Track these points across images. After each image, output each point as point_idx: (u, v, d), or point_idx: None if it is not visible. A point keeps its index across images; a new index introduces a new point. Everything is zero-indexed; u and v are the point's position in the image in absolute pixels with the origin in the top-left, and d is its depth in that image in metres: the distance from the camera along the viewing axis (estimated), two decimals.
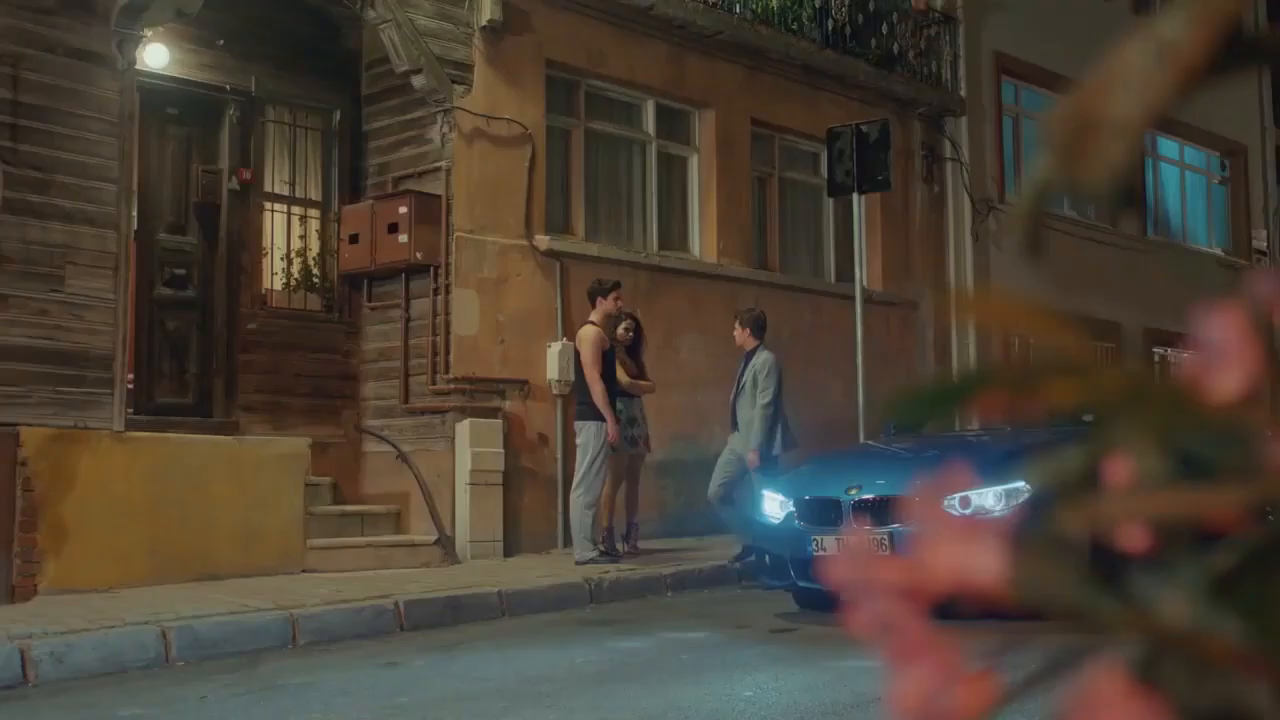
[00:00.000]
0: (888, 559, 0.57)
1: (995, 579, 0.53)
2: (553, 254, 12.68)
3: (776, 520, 9.04)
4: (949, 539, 0.53)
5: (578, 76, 13.47)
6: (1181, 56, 0.57)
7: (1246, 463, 0.58)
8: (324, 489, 11.73)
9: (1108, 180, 0.58)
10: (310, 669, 7.25)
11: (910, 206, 17.03)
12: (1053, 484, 0.56)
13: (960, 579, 0.53)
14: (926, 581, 0.54)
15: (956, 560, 0.53)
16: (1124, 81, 0.59)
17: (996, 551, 0.53)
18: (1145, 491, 0.58)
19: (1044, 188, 0.63)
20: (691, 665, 7.16)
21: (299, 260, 12.55)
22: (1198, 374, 0.57)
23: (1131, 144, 0.57)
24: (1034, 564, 0.53)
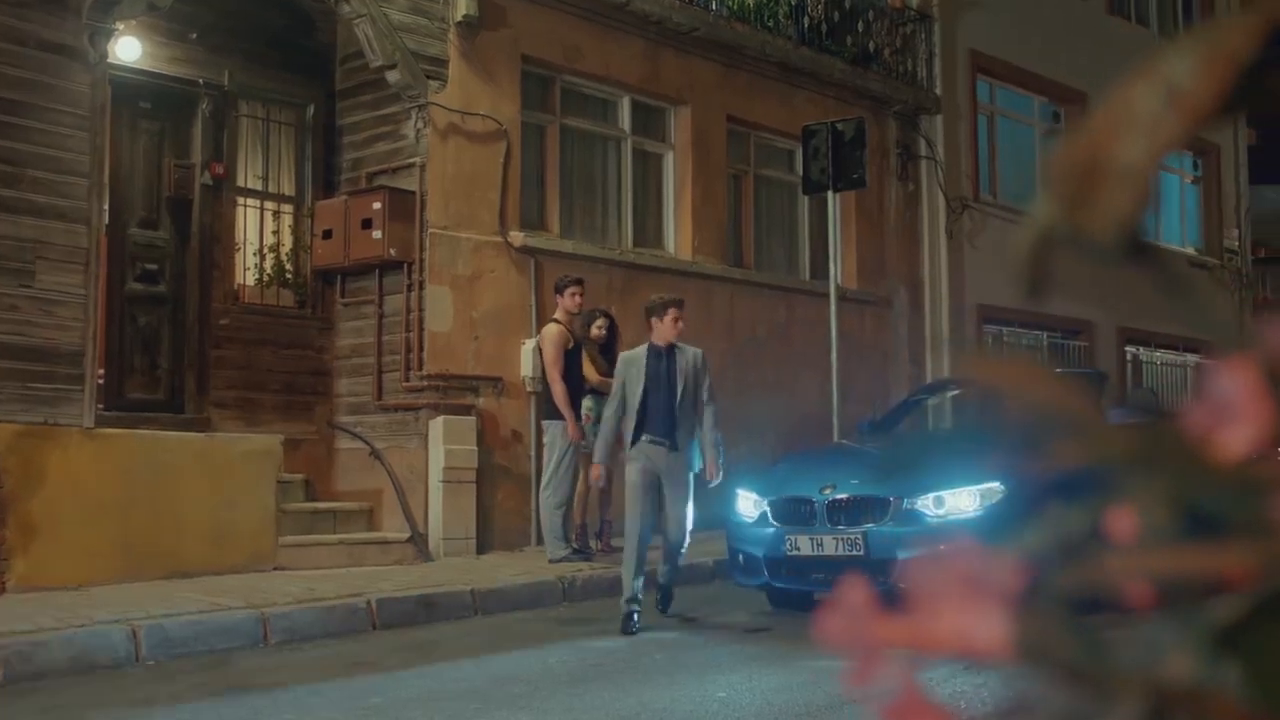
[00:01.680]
0: (887, 619, 0.54)
1: (998, 642, 0.51)
2: (527, 250, 12.64)
3: (751, 519, 9.04)
4: (951, 601, 0.51)
5: (553, 72, 13.42)
6: (1192, 100, 0.55)
7: (1256, 520, 0.56)
8: (296, 486, 11.66)
9: (1114, 230, 0.56)
10: (281, 668, 7.20)
11: (885, 204, 17.04)
12: (1056, 541, 0.54)
13: (963, 642, 0.51)
14: (927, 643, 0.52)
15: (959, 623, 0.51)
16: (1131, 125, 0.56)
17: (1000, 614, 0.51)
18: (1150, 548, 0.56)
19: (1047, 234, 0.61)
20: (665, 665, 7.15)
21: (272, 256, 12.48)
22: (1207, 429, 0.55)
23: (1140, 192, 0.55)
24: (1038, 627, 0.51)
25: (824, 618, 0.57)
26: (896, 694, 0.54)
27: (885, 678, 0.55)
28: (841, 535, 8.42)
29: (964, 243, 18.06)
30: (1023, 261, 0.62)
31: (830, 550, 8.44)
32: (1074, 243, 0.58)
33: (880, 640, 0.54)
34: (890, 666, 0.54)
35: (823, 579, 8.65)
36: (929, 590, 0.52)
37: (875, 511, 8.44)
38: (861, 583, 0.57)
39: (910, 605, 0.53)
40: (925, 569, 0.52)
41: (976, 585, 0.51)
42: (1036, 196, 0.62)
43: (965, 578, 0.51)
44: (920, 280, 17.53)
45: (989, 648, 0.51)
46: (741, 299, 14.89)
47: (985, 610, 0.51)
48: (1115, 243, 0.55)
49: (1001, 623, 0.51)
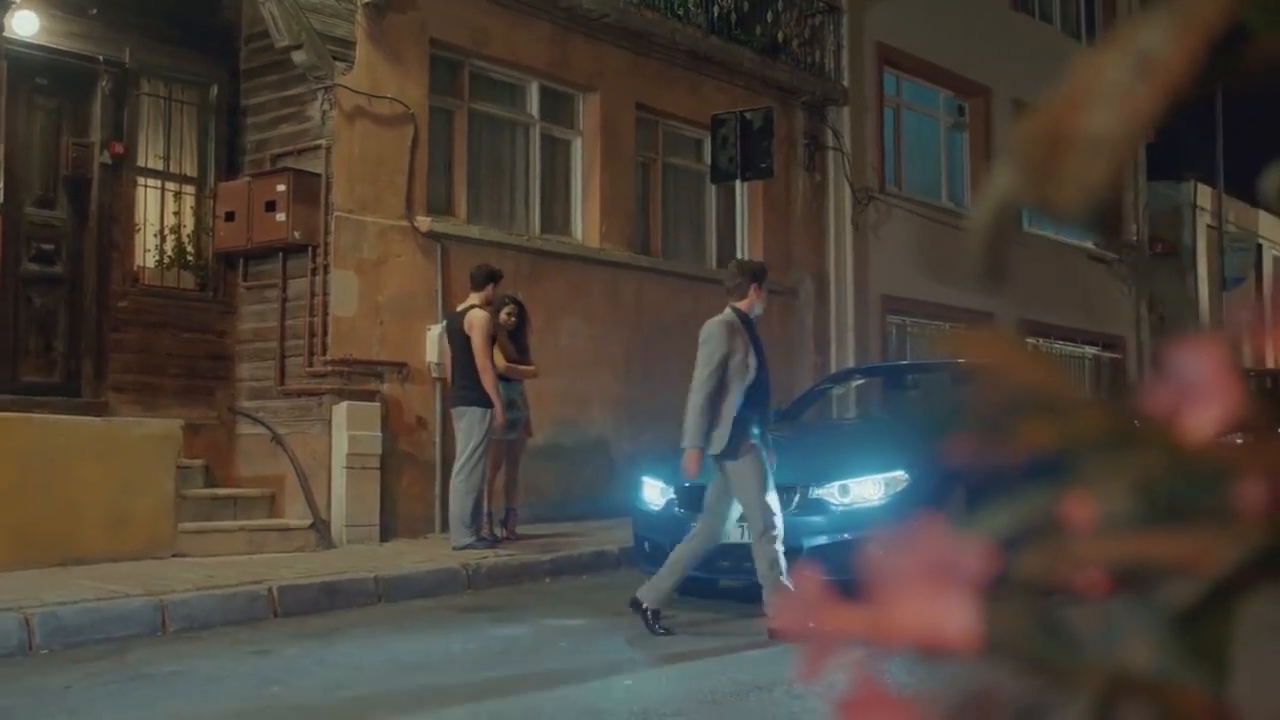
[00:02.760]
0: (846, 609, 0.52)
1: (966, 633, 0.49)
2: (434, 235, 12.53)
3: (657, 507, 9.04)
4: (914, 588, 0.49)
5: (462, 56, 13.31)
6: (1164, 69, 0.53)
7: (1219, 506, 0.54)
8: (196, 472, 11.48)
9: (1083, 202, 0.54)
10: (180, 657, 7.08)
11: (792, 195, 17.12)
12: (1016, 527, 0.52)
13: (927, 632, 0.49)
14: (888, 634, 0.50)
15: (923, 613, 0.49)
16: (1101, 96, 0.54)
17: (967, 603, 0.49)
18: (1110, 534, 0.54)
19: (1007, 206, 0.59)
20: (570, 653, 7.13)
21: (173, 237, 12.25)
22: (1172, 410, 0.53)
23: (1111, 163, 0.53)
24: (1007, 617, 0.49)
25: (776, 606, 0.54)
26: (852, 686, 0.51)
27: (839, 669, 0.52)
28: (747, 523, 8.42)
29: (869, 234, 18.20)
30: (982, 232, 0.59)
31: (735, 538, 8.44)
32: (1039, 214, 0.56)
33: (835, 630, 0.52)
34: (844, 657, 0.52)
35: (728, 567, 8.66)
36: (890, 577, 0.50)
37: (781, 499, 8.46)
38: (814, 570, 0.54)
39: (869, 593, 0.51)
40: (886, 554, 0.50)
41: (942, 572, 0.49)
42: (997, 166, 0.60)
43: (929, 564, 0.49)
44: (826, 270, 17.63)
45: (955, 638, 0.48)
46: (649, 287, 14.88)
47: (951, 598, 0.49)
48: (1082, 215, 0.53)
49: (969, 612, 0.48)
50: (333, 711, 5.72)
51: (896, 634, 0.50)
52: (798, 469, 8.67)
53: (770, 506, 7.62)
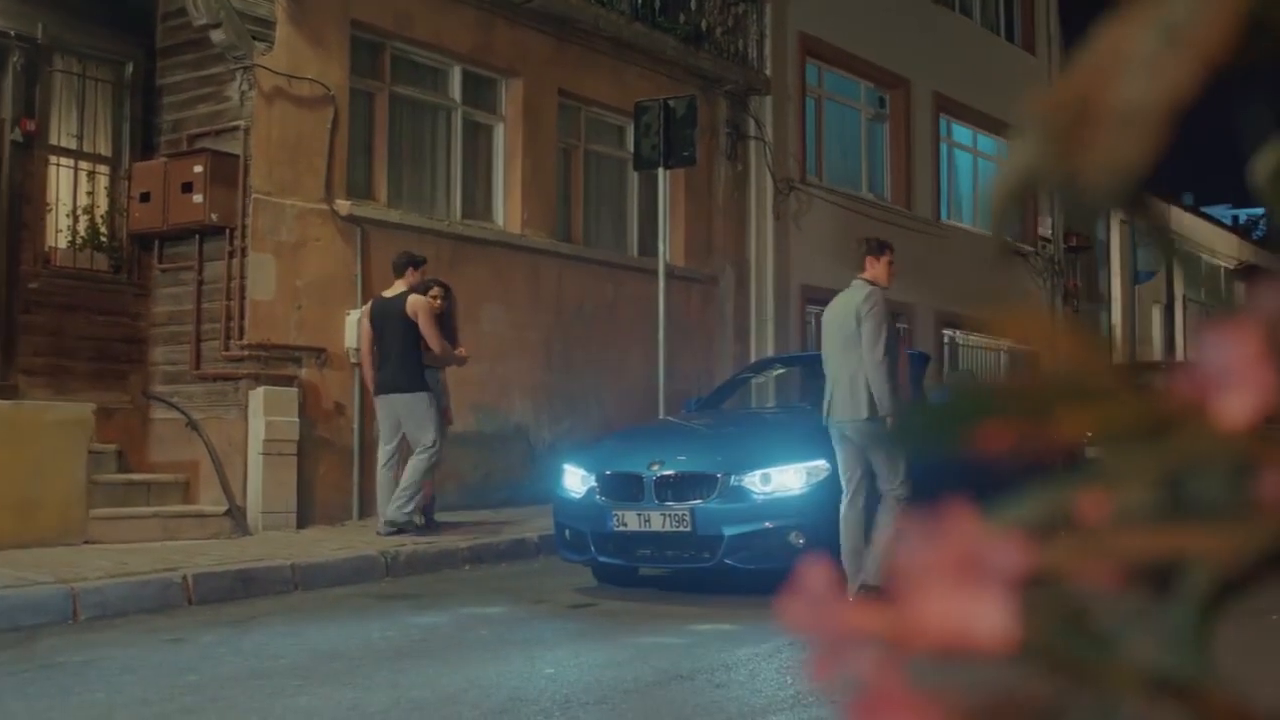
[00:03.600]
0: (866, 607, 0.49)
1: (1000, 632, 0.46)
2: (353, 219, 12.40)
3: (578, 495, 9.01)
4: (944, 586, 0.46)
5: (383, 39, 13.17)
6: (1197, 39, 0.50)
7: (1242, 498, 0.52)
8: (108, 457, 11.27)
9: (1114, 177, 0.51)
10: (92, 645, 6.95)
11: (714, 183, 17.13)
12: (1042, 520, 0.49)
13: (958, 631, 0.46)
14: (913, 634, 0.47)
15: (953, 611, 0.46)
16: (1132, 65, 0.52)
17: (1003, 601, 0.46)
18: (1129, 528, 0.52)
19: (1028, 180, 0.56)
20: (490, 641, 7.07)
21: (86, 218, 12.01)
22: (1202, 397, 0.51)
23: (1146, 137, 0.50)
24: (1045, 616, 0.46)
25: (787, 601, 0.51)
26: (869, 688, 0.48)
27: (855, 670, 0.49)
28: (669, 511, 8.43)
29: (790, 223, 18.26)
30: (999, 204, 0.57)
31: (657, 526, 8.44)
32: (1062, 187, 0.54)
33: (852, 628, 0.49)
34: (861, 657, 0.49)
35: (649, 555, 8.67)
36: (916, 572, 0.47)
37: (702, 488, 8.48)
38: (824, 563, 0.51)
39: (894, 588, 0.48)
40: (913, 547, 0.47)
41: (974, 567, 0.46)
42: (1015, 137, 0.57)
43: (960, 558, 0.46)
44: (746, 259, 17.67)
45: (989, 638, 0.46)
46: (570, 274, 14.83)
47: (985, 596, 0.46)
48: (1113, 191, 0.51)
49: (1004, 610, 0.46)
50: (249, 701, 5.64)
51: (922, 633, 0.47)
52: (719, 457, 8.68)
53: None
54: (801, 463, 8.42)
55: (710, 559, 8.34)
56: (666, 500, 8.49)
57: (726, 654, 6.56)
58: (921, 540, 0.47)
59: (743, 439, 9.28)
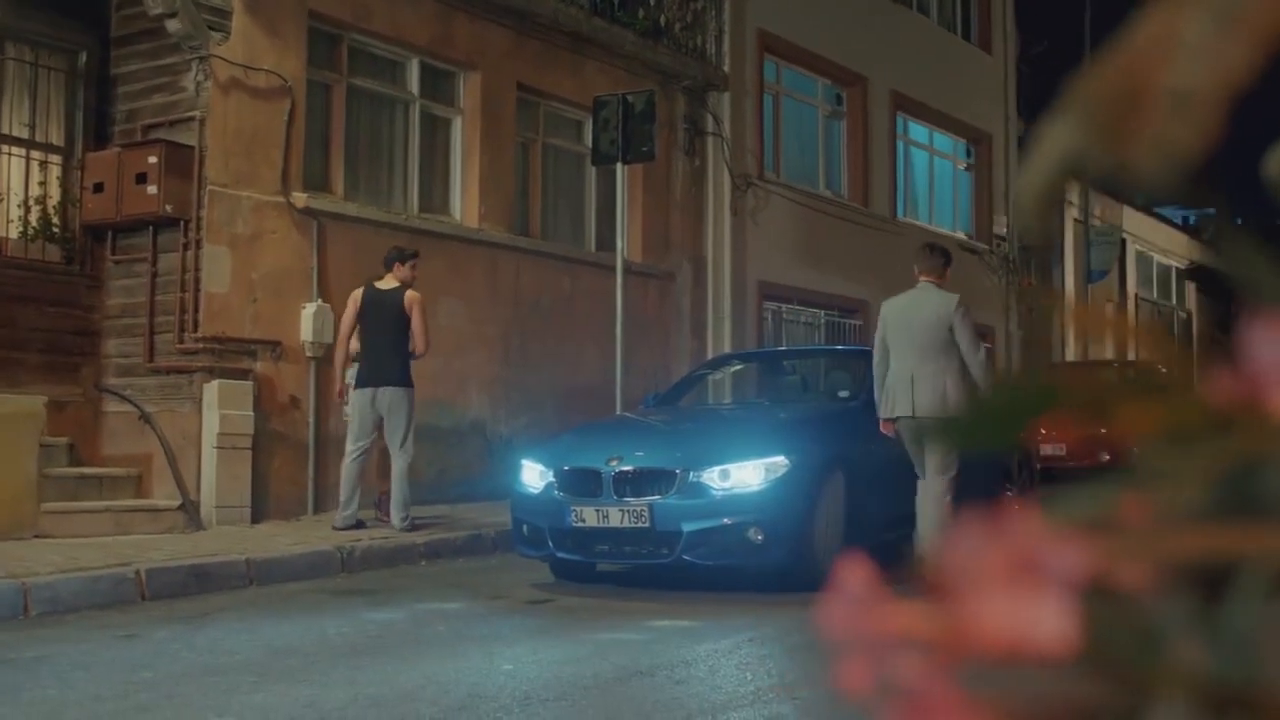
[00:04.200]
0: (912, 609, 0.47)
1: (1061, 636, 0.43)
2: (310, 212, 12.30)
3: (536, 490, 8.96)
4: (1002, 589, 0.43)
5: (341, 30, 13.08)
6: (1252, 21, 0.48)
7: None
8: (60, 450, 11.13)
9: (1167, 163, 0.49)
10: (44, 641, 6.86)
11: (671, 179, 17.12)
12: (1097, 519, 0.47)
13: (1015, 637, 0.43)
14: (966, 638, 0.45)
15: (1012, 615, 0.43)
16: (1184, 49, 0.49)
17: (1061, 604, 0.43)
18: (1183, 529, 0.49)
19: (1071, 166, 0.53)
20: (448, 637, 7.03)
21: (38, 208, 11.86)
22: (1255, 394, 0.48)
23: (1200, 122, 0.48)
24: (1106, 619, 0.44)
25: (826, 605, 0.49)
26: (916, 693, 0.46)
27: (899, 675, 0.47)
28: (627, 507, 8.40)
29: (747, 220, 18.27)
30: (1035, 191, 0.54)
31: (616, 522, 8.42)
32: (1111, 174, 0.51)
33: (896, 631, 0.47)
34: (906, 661, 0.46)
35: (607, 550, 8.64)
36: (971, 573, 0.45)
37: (661, 484, 8.45)
38: (865, 563, 0.49)
39: (943, 590, 0.46)
40: (967, 548, 0.45)
41: (1034, 569, 0.44)
42: (1055, 122, 0.55)
43: (1019, 560, 0.44)
44: (703, 255, 17.67)
45: (1049, 643, 0.43)
46: (527, 268, 14.78)
47: (1045, 598, 0.43)
48: (1165, 177, 0.48)
49: (1065, 614, 0.43)
50: (204, 697, 5.57)
51: (977, 637, 0.44)
52: (678, 453, 8.67)
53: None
54: (760, 459, 8.41)
55: (669, 555, 8.32)
56: (625, 496, 8.47)
57: (686, 650, 6.54)
58: (977, 540, 0.45)
59: (701, 435, 9.27)
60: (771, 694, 5.57)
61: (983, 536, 0.45)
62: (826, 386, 11.49)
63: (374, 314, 10.79)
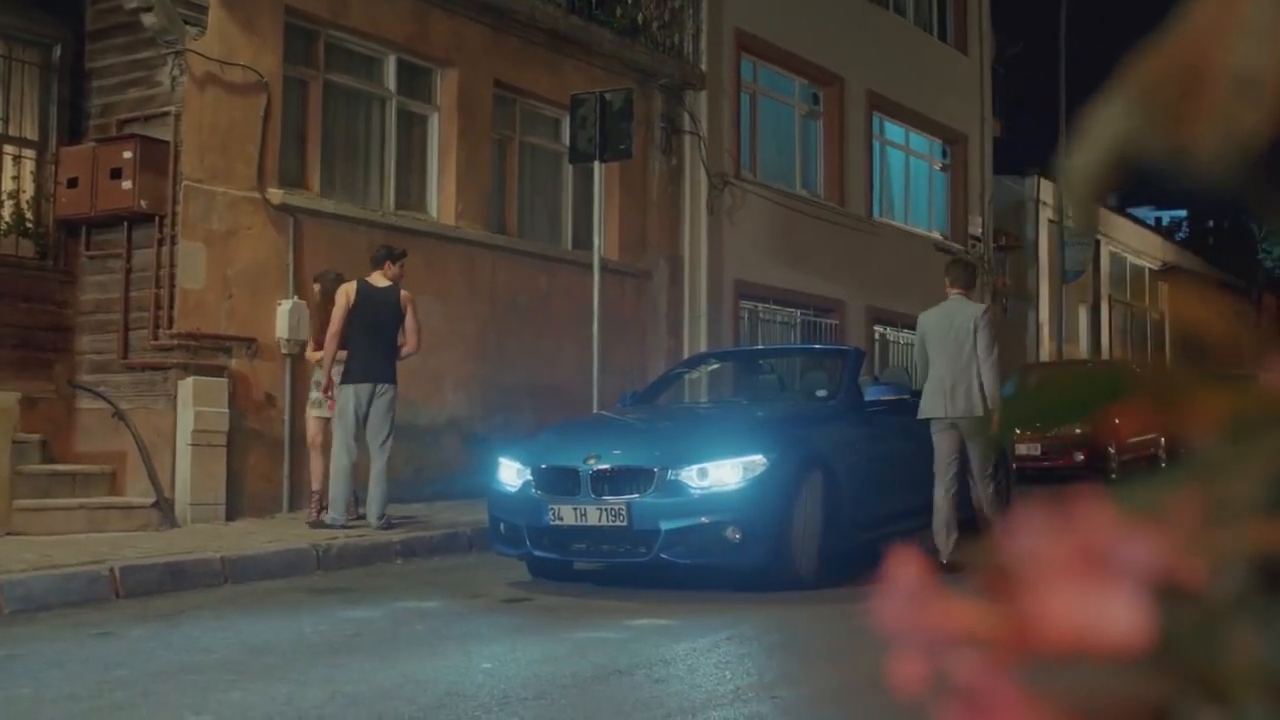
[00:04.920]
0: (970, 604, 0.45)
1: (1135, 633, 0.42)
2: (286, 208, 12.25)
3: (513, 489, 8.93)
4: (1069, 581, 0.42)
5: (318, 26, 13.02)
6: None
7: None
8: (32, 447, 11.06)
9: (1229, 148, 0.47)
10: (16, 639, 6.80)
11: (648, 178, 17.11)
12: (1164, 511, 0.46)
13: (1082, 631, 0.42)
14: (1030, 633, 0.43)
15: (1081, 609, 0.42)
16: (1244, 31, 0.48)
17: (1136, 599, 0.42)
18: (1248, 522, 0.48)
19: (1124, 150, 0.52)
20: (426, 636, 7.00)
21: (11, 203, 11.77)
22: None
23: (1265, 106, 0.47)
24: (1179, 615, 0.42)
25: (881, 600, 0.47)
26: (975, 691, 0.44)
27: (957, 671, 0.45)
28: (605, 506, 8.38)
29: (724, 219, 18.27)
30: (1086, 175, 0.53)
31: (594, 520, 8.40)
32: (1167, 159, 0.50)
33: (954, 627, 0.45)
34: (964, 658, 0.45)
35: (585, 549, 8.62)
36: (1039, 566, 0.43)
37: (639, 482, 8.44)
38: (918, 556, 0.47)
39: (1003, 585, 0.44)
40: (1034, 540, 0.43)
41: (1105, 562, 0.42)
42: (1107, 106, 0.53)
43: (1089, 552, 0.42)
44: (680, 254, 17.66)
45: (1121, 639, 0.42)
46: (504, 266, 14.75)
47: (1118, 593, 0.42)
48: (1226, 164, 0.47)
49: (1140, 609, 0.42)
50: (180, 695, 5.53)
51: (1041, 632, 0.43)
52: (656, 452, 8.65)
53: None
54: (738, 458, 8.40)
55: (647, 554, 8.30)
56: (603, 495, 8.45)
57: (665, 649, 6.53)
58: (1044, 533, 0.44)
59: (679, 434, 9.25)
60: (751, 692, 5.56)
61: (1050, 529, 0.44)
62: (804, 386, 11.49)
63: (369, 311, 10.77)
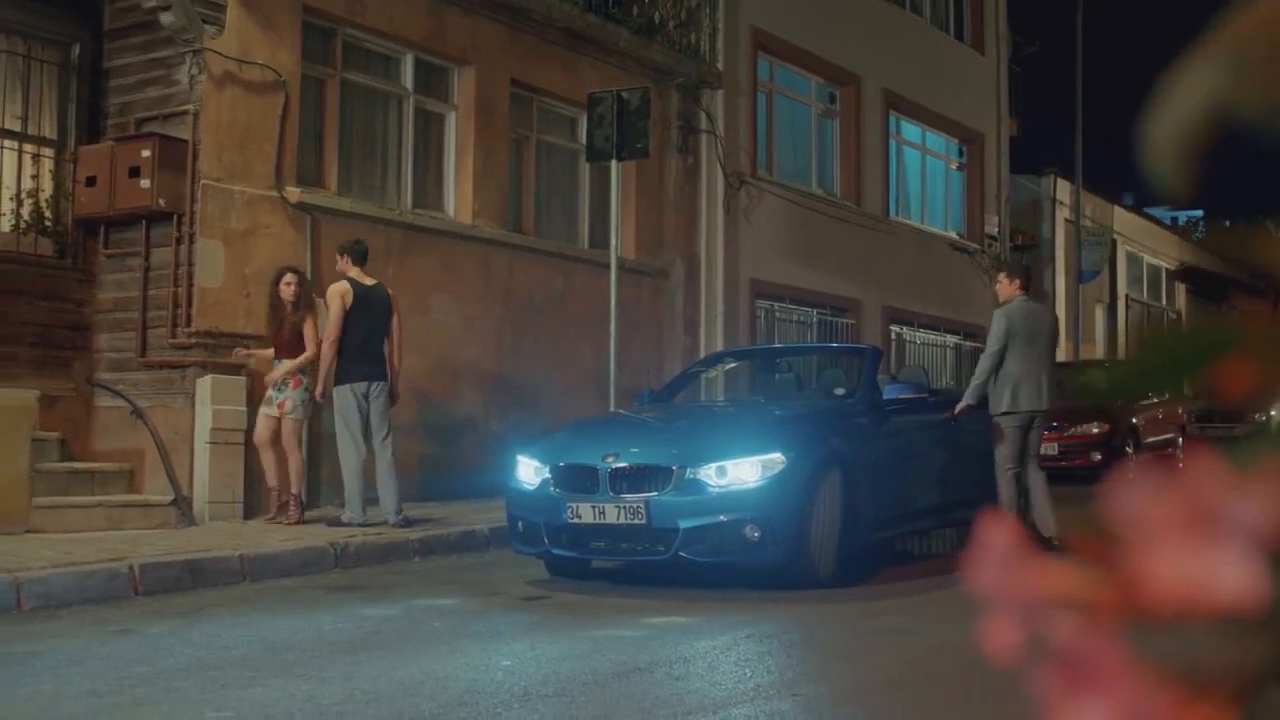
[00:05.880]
0: (1070, 568, 0.44)
1: (1247, 593, 0.41)
2: (303, 207, 12.26)
3: (531, 486, 8.92)
4: (1177, 542, 0.41)
5: (335, 25, 13.03)
6: None
7: None
8: (51, 445, 11.09)
9: None
10: (38, 636, 6.81)
11: (665, 176, 17.09)
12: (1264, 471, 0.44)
13: (1194, 592, 0.41)
14: (1135, 596, 0.42)
15: (1188, 568, 0.41)
16: None
17: (1249, 559, 0.41)
18: None
19: (1217, 111, 0.50)
20: (444, 634, 7.00)
21: (30, 202, 11.80)
22: None
23: None
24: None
25: (973, 564, 0.46)
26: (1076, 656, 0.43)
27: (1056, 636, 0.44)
28: (624, 504, 8.36)
29: (740, 218, 18.25)
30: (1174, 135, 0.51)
31: (612, 518, 8.38)
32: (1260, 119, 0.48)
33: (1052, 591, 0.44)
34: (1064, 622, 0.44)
35: (603, 547, 8.60)
36: (1145, 528, 0.42)
37: (657, 480, 8.42)
38: (1011, 521, 0.46)
39: (1112, 548, 0.43)
40: (1141, 499, 0.42)
41: (1216, 521, 0.41)
42: (1196, 65, 0.52)
43: (1199, 512, 0.41)
44: (697, 253, 17.64)
45: (1233, 600, 0.41)
46: (520, 265, 14.75)
47: (1230, 552, 0.41)
48: None
49: (1252, 568, 0.41)
50: (201, 692, 5.53)
51: (1148, 593, 0.42)
52: (675, 450, 8.62)
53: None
54: (757, 455, 8.38)
55: (665, 552, 8.28)
56: (621, 492, 8.43)
57: (684, 647, 6.52)
58: (1152, 493, 0.42)
59: (698, 432, 9.22)
60: (771, 690, 5.54)
61: (1158, 489, 0.42)
62: (822, 384, 11.46)
63: (366, 310, 10.80)
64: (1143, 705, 0.43)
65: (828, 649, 6.78)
